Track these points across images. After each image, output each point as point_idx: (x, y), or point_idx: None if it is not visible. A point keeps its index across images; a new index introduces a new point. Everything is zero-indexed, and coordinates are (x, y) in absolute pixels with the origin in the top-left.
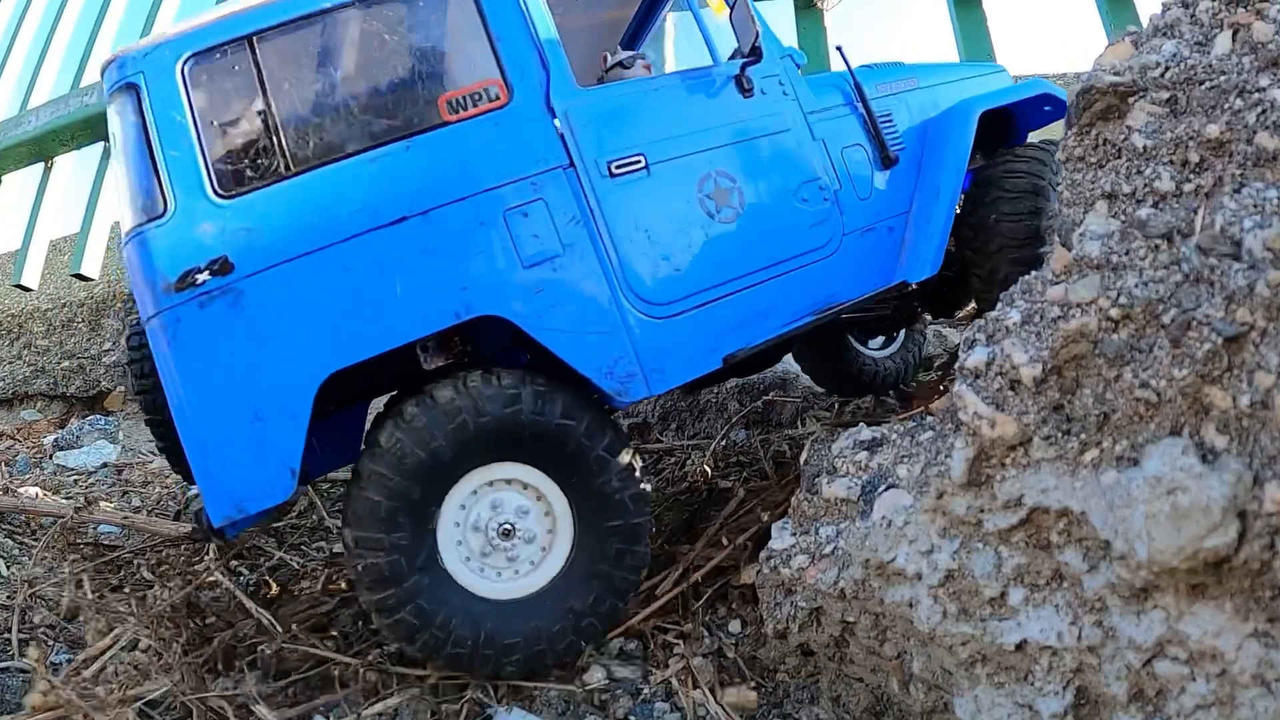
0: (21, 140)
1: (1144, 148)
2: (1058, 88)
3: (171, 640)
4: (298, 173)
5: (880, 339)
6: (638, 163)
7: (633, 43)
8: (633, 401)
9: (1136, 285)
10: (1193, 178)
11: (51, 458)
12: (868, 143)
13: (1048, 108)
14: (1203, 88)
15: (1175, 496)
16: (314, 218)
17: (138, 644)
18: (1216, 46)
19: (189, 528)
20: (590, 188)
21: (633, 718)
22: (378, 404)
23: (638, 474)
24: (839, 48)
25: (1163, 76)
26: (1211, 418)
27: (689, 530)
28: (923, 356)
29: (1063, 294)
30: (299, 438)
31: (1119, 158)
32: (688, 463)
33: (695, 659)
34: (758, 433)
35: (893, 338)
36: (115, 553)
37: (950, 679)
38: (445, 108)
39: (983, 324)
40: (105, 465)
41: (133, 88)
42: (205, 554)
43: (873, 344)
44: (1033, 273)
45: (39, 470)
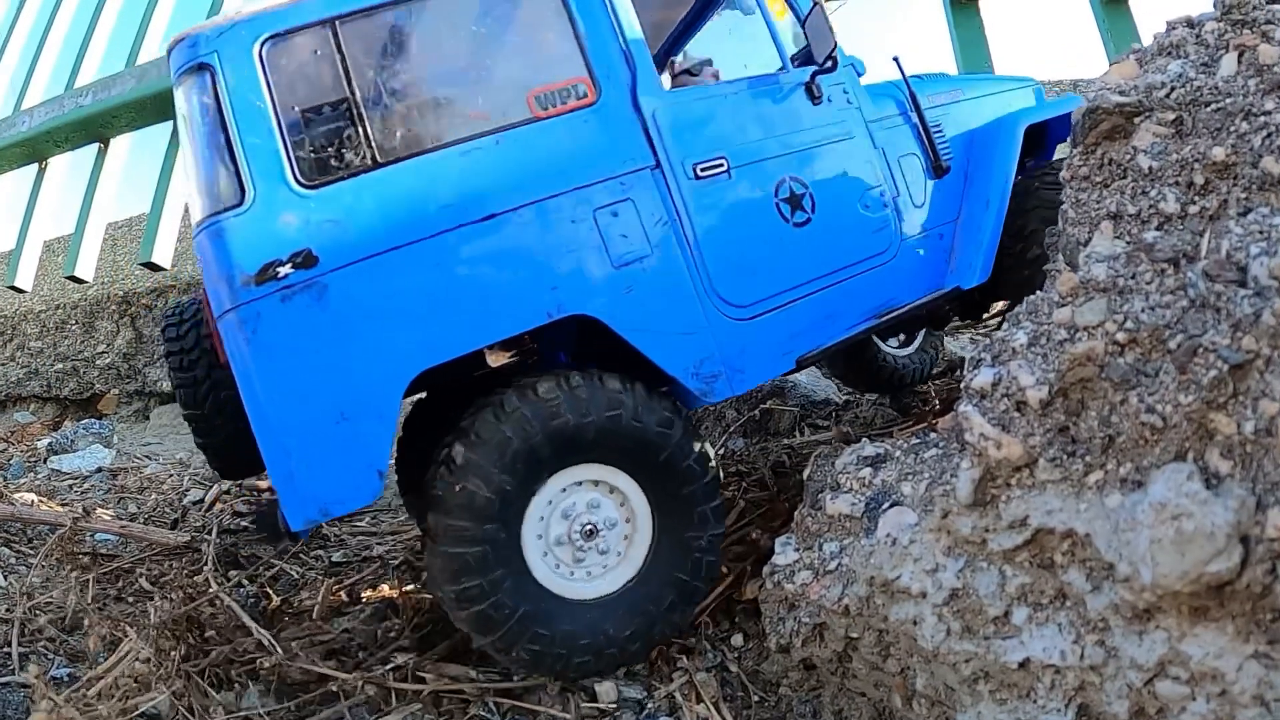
0: (15, 141)
1: (1149, 169)
2: None
3: (170, 651)
4: (385, 164)
5: (898, 337)
6: (720, 166)
7: (676, 45)
8: (715, 401)
9: (1143, 310)
10: (1198, 200)
11: (46, 462)
12: (921, 152)
13: None
14: (1208, 109)
15: (1180, 522)
16: (402, 212)
17: (138, 655)
18: (1222, 68)
19: (187, 537)
20: (677, 188)
21: None
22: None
23: (719, 488)
24: (895, 59)
25: (1168, 97)
26: (1216, 443)
27: None
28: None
29: (1069, 317)
30: (387, 438)
31: (1124, 178)
32: None
33: (699, 674)
34: (756, 441)
35: (912, 337)
36: (114, 563)
37: (953, 695)
38: (534, 103)
39: (989, 344)
40: (100, 470)
41: (205, 68)
42: (204, 566)
43: (891, 342)
44: (1038, 293)
45: (33, 475)
